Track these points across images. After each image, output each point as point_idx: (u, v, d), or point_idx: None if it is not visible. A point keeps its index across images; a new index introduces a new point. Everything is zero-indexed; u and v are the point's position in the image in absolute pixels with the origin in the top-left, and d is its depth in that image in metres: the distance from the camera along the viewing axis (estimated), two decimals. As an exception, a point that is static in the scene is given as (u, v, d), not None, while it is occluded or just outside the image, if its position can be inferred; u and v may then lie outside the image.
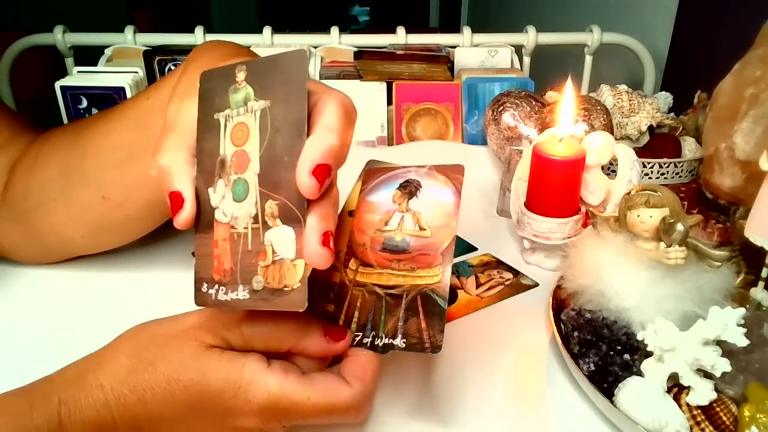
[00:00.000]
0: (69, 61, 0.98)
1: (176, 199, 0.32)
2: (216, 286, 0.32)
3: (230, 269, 0.31)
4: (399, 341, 0.33)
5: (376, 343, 0.34)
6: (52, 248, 0.54)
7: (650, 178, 0.76)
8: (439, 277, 0.34)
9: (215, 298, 0.31)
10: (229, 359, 0.30)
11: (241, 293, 0.31)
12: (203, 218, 0.33)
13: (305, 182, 0.29)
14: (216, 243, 0.32)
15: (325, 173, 0.29)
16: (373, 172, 0.39)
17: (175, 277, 0.56)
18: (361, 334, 0.34)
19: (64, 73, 0.91)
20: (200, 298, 0.32)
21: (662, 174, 0.76)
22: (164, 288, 0.54)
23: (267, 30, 0.96)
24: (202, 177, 0.33)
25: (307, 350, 0.33)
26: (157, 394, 0.30)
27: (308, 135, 0.30)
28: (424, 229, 0.36)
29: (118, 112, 0.48)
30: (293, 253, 0.30)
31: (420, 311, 0.34)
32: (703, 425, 0.36)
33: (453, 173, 0.37)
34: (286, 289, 0.30)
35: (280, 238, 0.30)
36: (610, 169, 0.72)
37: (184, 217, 0.32)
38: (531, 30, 0.99)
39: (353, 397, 0.31)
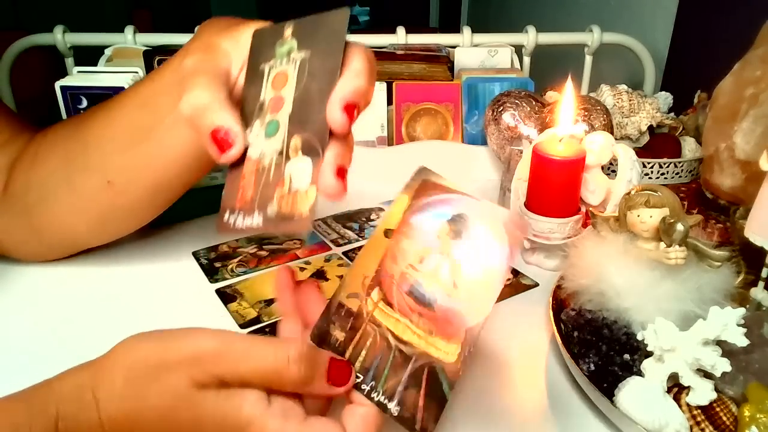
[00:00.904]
0: (69, 61, 0.98)
1: (220, 135, 0.34)
2: (236, 214, 0.34)
3: (251, 198, 0.34)
4: (393, 406, 0.31)
5: (372, 396, 0.31)
6: (56, 242, 0.53)
7: (650, 178, 0.76)
8: (454, 357, 0.31)
9: (233, 226, 0.34)
10: (226, 398, 0.29)
11: (256, 219, 0.33)
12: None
13: (337, 117, 0.31)
14: (243, 176, 0.35)
15: (353, 111, 0.32)
16: (426, 188, 0.34)
17: (176, 276, 0.56)
18: (362, 377, 0.32)
19: (64, 73, 0.91)
20: (221, 225, 0.34)
21: (662, 174, 0.76)
22: (164, 287, 0.54)
23: (267, 30, 0.96)
24: (243, 120, 0.36)
25: (311, 394, 0.31)
26: (151, 422, 0.29)
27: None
28: (458, 288, 0.32)
29: (118, 101, 0.48)
30: (308, 183, 0.32)
31: (422, 386, 0.31)
32: (703, 425, 0.36)
33: (515, 228, 0.32)
34: (295, 216, 0.31)
35: (299, 168, 0.33)
36: (610, 169, 0.72)
37: (236, 152, 0.34)
38: (531, 30, 0.99)
39: None
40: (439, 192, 0.34)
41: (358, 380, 0.32)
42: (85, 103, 0.76)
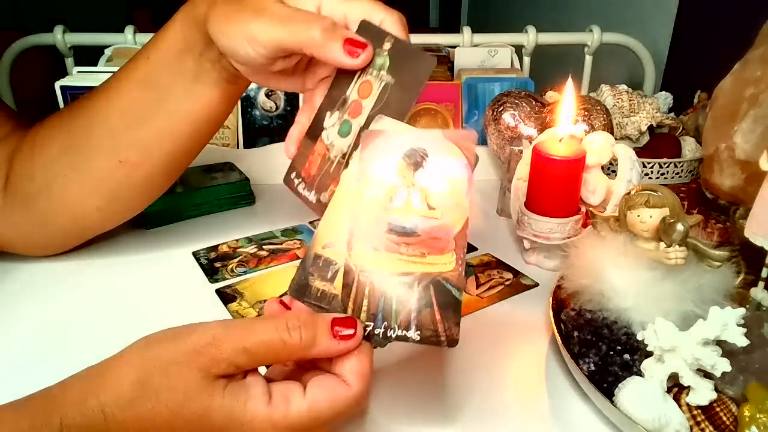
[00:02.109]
0: (69, 61, 0.98)
1: (351, 45, 0.38)
2: (299, 180, 0.41)
3: (314, 176, 0.40)
4: (413, 334, 0.32)
5: (389, 334, 0.32)
6: (65, 228, 0.53)
7: (650, 178, 0.76)
8: (453, 264, 0.32)
9: (295, 187, 0.41)
10: (232, 395, 0.29)
11: (312, 196, 0.40)
12: (315, 128, 0.41)
13: None
14: (314, 152, 0.41)
15: None
16: (369, 137, 0.36)
17: (176, 276, 0.56)
18: (372, 324, 0.32)
19: (64, 73, 0.91)
20: (287, 181, 0.42)
21: (662, 174, 0.76)
22: (164, 287, 0.54)
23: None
24: (327, 101, 0.41)
25: (321, 356, 0.32)
26: (159, 425, 0.29)
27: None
28: (434, 209, 0.33)
29: (116, 81, 0.48)
30: None
31: (434, 302, 0.32)
32: (703, 425, 0.36)
33: (464, 141, 0.33)
34: None
35: None
36: (610, 169, 0.72)
37: (367, 55, 0.38)
38: (531, 30, 0.99)
39: (355, 397, 0.31)
40: (384, 137, 0.36)
41: (370, 327, 0.32)
42: (85, 103, 0.75)
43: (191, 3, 0.44)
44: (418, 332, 0.32)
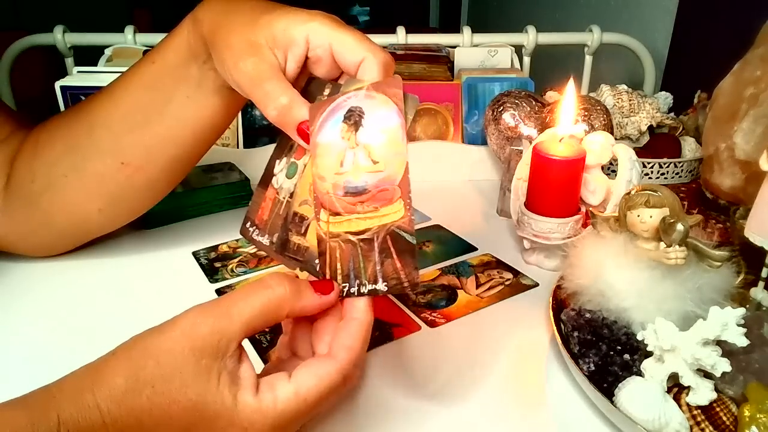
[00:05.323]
0: (69, 61, 0.98)
1: (305, 127, 0.37)
2: (254, 227, 0.42)
3: (266, 220, 0.41)
4: (381, 285, 0.34)
5: (362, 291, 0.34)
6: (66, 230, 0.53)
7: (650, 178, 0.76)
8: (402, 212, 0.33)
9: (251, 235, 0.42)
10: (225, 385, 0.30)
11: (265, 240, 0.40)
12: (266, 176, 0.42)
13: None
14: (265, 198, 0.41)
15: None
16: (315, 109, 0.37)
17: (176, 276, 0.56)
18: (347, 284, 0.35)
19: (64, 73, 0.91)
20: (243, 231, 0.42)
21: (662, 174, 0.76)
22: (164, 287, 0.54)
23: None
24: (277, 151, 0.42)
25: (305, 311, 0.33)
26: (155, 416, 0.29)
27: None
28: (377, 162, 0.35)
29: (119, 84, 0.48)
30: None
31: (392, 251, 0.33)
32: (703, 425, 0.36)
33: (390, 88, 0.35)
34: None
35: None
36: (610, 169, 0.72)
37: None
38: (531, 30, 0.99)
39: (341, 370, 0.32)
40: (325, 106, 0.37)
41: (345, 287, 0.35)
42: (85, 103, 0.75)
43: (196, 14, 0.43)
44: (385, 283, 0.33)
